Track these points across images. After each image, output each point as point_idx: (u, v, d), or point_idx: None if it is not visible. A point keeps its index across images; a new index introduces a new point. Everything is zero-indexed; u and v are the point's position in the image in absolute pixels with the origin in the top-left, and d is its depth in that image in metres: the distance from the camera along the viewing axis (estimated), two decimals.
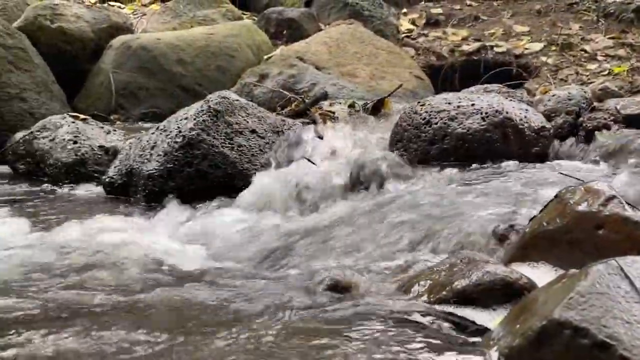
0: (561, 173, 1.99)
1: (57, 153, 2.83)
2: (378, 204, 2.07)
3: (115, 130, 3.06)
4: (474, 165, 2.31)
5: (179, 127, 2.43)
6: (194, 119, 2.41)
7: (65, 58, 4.43)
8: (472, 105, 2.48)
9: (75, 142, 2.84)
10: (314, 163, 2.45)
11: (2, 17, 4.15)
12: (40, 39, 4.29)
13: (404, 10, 6.44)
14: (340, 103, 3.28)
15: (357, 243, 1.75)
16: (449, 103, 2.53)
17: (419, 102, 2.67)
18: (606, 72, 4.65)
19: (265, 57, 4.68)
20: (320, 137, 2.66)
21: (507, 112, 2.45)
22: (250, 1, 6.74)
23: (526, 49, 5.26)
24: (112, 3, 6.35)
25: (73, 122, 2.97)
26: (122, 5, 6.42)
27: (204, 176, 2.35)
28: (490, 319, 1.24)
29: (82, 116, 3.14)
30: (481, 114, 2.44)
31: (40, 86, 3.72)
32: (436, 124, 2.47)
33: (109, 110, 4.28)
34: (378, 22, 5.66)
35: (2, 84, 3.49)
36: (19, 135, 3.05)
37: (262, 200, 2.20)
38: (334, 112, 3.07)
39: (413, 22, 6.18)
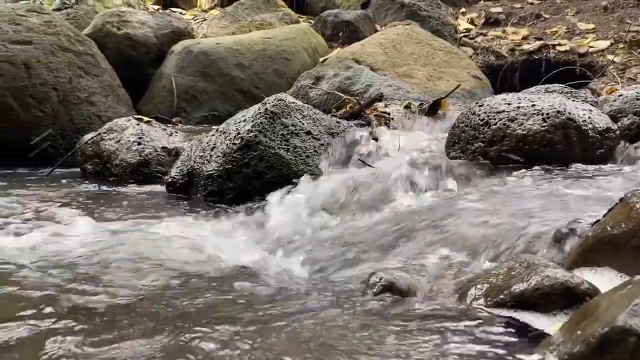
0: (629, 179, 1.91)
1: (122, 154, 2.96)
2: (435, 205, 2.05)
3: (177, 132, 3.16)
4: (534, 167, 2.25)
5: (237, 129, 2.49)
6: (252, 121, 2.47)
7: (131, 63, 4.64)
8: (533, 105, 2.42)
9: (139, 144, 2.97)
10: (368, 164, 2.46)
11: (73, 25, 4.38)
12: (108, 45, 4.50)
13: (462, 9, 6.34)
14: (395, 104, 3.26)
15: (413, 245, 1.75)
16: (509, 103, 2.47)
17: (477, 103, 2.62)
18: None
19: (321, 59, 4.72)
20: (375, 139, 2.66)
21: (569, 113, 2.37)
22: (307, 4, 6.81)
23: (591, 47, 5.07)
24: (174, 9, 6.58)
25: (137, 125, 3.09)
26: (184, 11, 6.65)
27: (261, 177, 2.40)
28: (550, 324, 1.21)
29: (146, 119, 3.26)
30: (542, 114, 2.37)
31: (108, 90, 3.89)
32: (495, 124, 2.42)
33: (171, 113, 4.44)
34: (435, 22, 5.60)
35: (73, 88, 3.68)
36: (87, 137, 3.21)
37: (317, 200, 2.22)
38: (389, 113, 3.06)
39: (472, 22, 6.08)
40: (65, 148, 3.41)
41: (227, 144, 2.48)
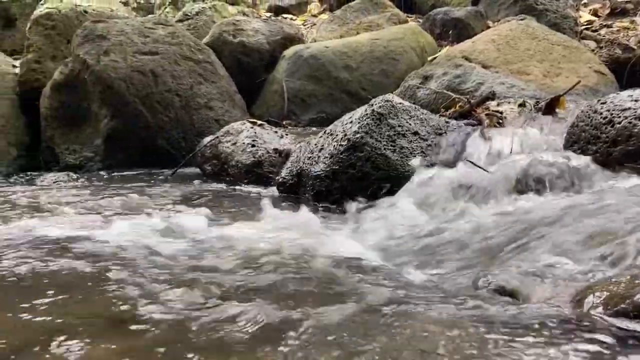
0: None
1: (238, 155, 3.13)
2: (550, 208, 1.95)
3: (287, 135, 3.29)
4: None
5: (344, 131, 2.53)
6: (358, 123, 2.50)
7: (245, 69, 4.87)
8: None
9: (253, 146, 3.12)
10: (478, 166, 2.39)
11: (194, 35, 4.70)
12: (224, 53, 4.77)
13: (584, 0, 5.94)
14: (509, 102, 3.14)
15: (526, 248, 1.68)
16: (636, 100, 2.28)
17: (599, 100, 2.45)
18: None
19: (430, 58, 4.65)
20: (487, 138, 2.58)
21: None
22: (416, 3, 6.74)
23: None
24: (285, 15, 6.82)
25: (252, 128, 3.26)
26: (294, 17, 6.86)
27: (367, 177, 2.42)
28: None
29: (259, 122, 3.42)
30: None
31: (224, 96, 4.13)
32: (619, 123, 2.25)
33: (282, 116, 4.61)
34: (553, 16, 5.30)
35: (194, 94, 3.94)
36: (206, 139, 3.43)
37: (425, 200, 2.20)
38: (501, 112, 2.95)
39: (595, 13, 5.67)
40: (186, 150, 3.66)
41: (334, 145, 2.53)
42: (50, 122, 4.06)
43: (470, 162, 2.41)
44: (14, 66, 4.53)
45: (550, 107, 2.89)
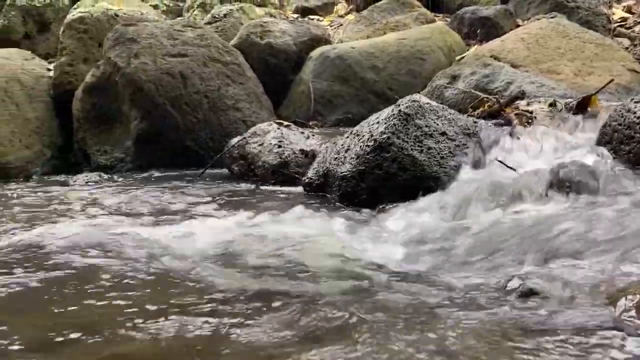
0: None
1: (264, 156, 3.16)
2: (580, 210, 1.92)
3: (313, 135, 3.30)
4: None
5: (370, 131, 2.53)
6: (385, 123, 2.49)
7: (272, 70, 4.90)
8: None
9: (280, 147, 3.14)
10: (508, 166, 2.36)
11: (221, 37, 4.74)
12: (252, 54, 4.80)
13: None
14: (539, 102, 3.09)
15: (556, 250, 1.65)
16: None
17: (632, 99, 2.40)
18: None
19: (457, 57, 4.60)
20: (516, 138, 2.54)
21: None
22: (443, 3, 6.68)
23: None
24: (312, 17, 6.83)
25: (278, 129, 3.28)
26: (321, 18, 6.87)
27: (393, 178, 2.41)
28: None
29: (285, 123, 3.44)
30: None
31: (252, 97, 4.16)
32: None
33: (308, 117, 4.62)
34: (585, 13, 5.19)
35: (221, 96, 3.98)
36: (234, 140, 3.46)
37: (452, 202, 2.18)
38: (531, 112, 2.90)
39: (628, 10, 5.54)
40: (214, 150, 3.70)
41: (360, 146, 2.53)
42: (82, 123, 4.16)
43: (500, 162, 2.38)
44: (49, 69, 4.65)
45: (582, 107, 2.83)
